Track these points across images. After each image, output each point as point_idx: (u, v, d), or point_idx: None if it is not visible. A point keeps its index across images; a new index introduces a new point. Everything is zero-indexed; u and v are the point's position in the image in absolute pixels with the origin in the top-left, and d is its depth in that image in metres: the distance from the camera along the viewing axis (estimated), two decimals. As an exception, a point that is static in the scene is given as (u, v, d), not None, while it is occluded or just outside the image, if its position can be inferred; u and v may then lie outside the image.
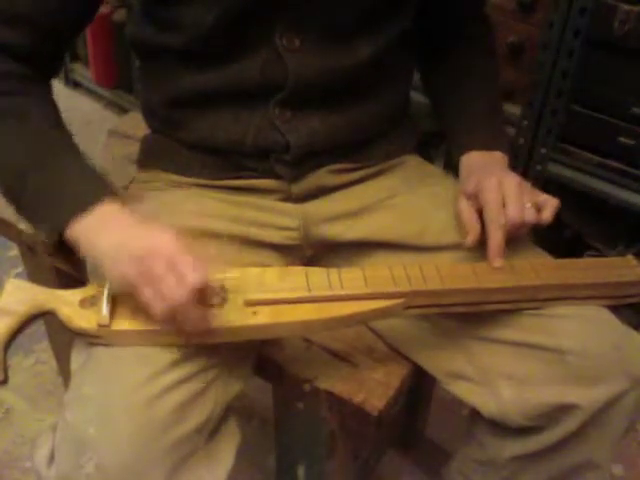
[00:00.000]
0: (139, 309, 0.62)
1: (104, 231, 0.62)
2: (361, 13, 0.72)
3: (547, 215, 0.71)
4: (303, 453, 0.90)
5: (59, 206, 0.64)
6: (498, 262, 0.70)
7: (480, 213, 0.73)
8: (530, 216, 0.70)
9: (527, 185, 0.74)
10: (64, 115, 0.72)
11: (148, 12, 0.74)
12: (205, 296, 0.61)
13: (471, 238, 0.72)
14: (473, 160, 0.80)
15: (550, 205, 0.71)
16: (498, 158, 0.79)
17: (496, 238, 0.70)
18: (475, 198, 0.74)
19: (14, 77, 0.69)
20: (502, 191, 0.71)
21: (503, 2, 1.25)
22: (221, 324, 0.62)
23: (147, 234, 0.60)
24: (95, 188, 0.65)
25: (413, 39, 0.85)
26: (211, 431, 0.66)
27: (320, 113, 0.76)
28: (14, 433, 1.27)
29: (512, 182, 0.72)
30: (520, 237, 0.78)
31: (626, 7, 1.10)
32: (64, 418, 0.61)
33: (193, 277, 0.57)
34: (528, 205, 0.71)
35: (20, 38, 0.68)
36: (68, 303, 0.64)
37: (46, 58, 0.72)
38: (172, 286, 0.57)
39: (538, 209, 0.71)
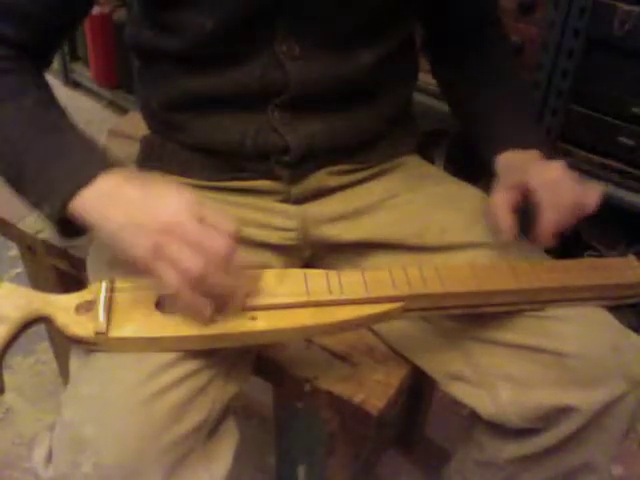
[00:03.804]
0: (137, 314, 0.61)
1: (111, 205, 0.59)
2: (362, 20, 0.72)
3: (593, 199, 0.69)
4: (303, 453, 0.90)
5: (60, 181, 0.62)
6: (546, 243, 0.69)
7: (517, 206, 0.72)
8: (580, 200, 0.68)
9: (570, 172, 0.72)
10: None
11: (147, 15, 0.74)
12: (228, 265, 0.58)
13: (508, 237, 0.70)
14: (511, 157, 0.78)
15: (594, 191, 0.69)
16: (536, 155, 0.77)
17: (546, 220, 0.68)
18: (518, 188, 0.72)
19: (6, 58, 0.68)
20: (550, 175, 0.70)
21: (503, 2, 1.25)
22: (219, 330, 0.61)
23: (158, 206, 0.58)
24: (97, 160, 0.63)
25: (415, 43, 0.85)
26: (210, 431, 0.66)
27: (320, 116, 0.76)
28: (14, 433, 1.27)
29: (559, 167, 0.70)
30: (519, 237, 0.78)
31: (626, 7, 1.10)
32: (62, 417, 0.61)
33: (211, 245, 0.56)
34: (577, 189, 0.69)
35: (12, 29, 0.67)
36: (64, 309, 0.62)
37: (38, 50, 0.71)
38: (188, 257, 0.56)
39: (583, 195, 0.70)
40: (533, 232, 0.70)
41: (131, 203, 0.59)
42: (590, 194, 0.69)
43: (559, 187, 0.69)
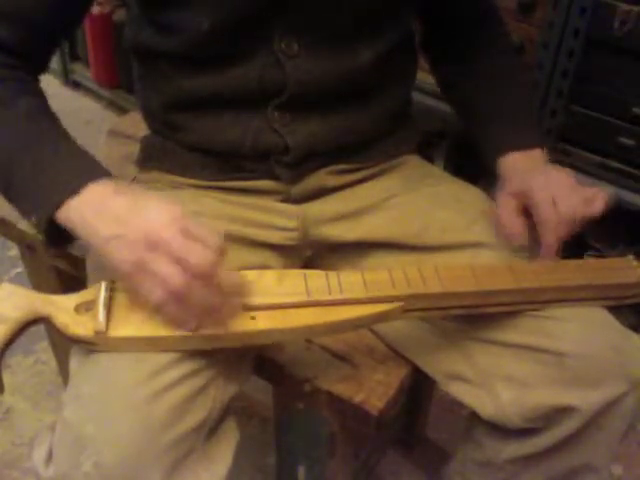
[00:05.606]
0: (137, 314, 0.61)
1: (96, 217, 0.59)
2: (361, 17, 0.72)
3: (597, 207, 0.70)
4: (303, 453, 0.90)
5: (49, 189, 0.62)
6: (551, 259, 0.70)
7: (526, 210, 0.73)
8: (581, 212, 0.69)
9: (574, 179, 0.73)
10: (64, 115, 0.71)
11: (146, 15, 0.74)
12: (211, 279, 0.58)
13: (518, 241, 0.72)
14: (515, 160, 0.79)
15: (600, 197, 0.70)
16: (539, 156, 0.79)
17: (549, 239, 0.70)
18: (521, 197, 0.73)
19: (0, 66, 0.68)
20: (551, 189, 0.71)
21: (503, 2, 1.25)
22: (219, 330, 0.61)
23: (144, 218, 0.58)
24: (86, 170, 0.63)
25: (414, 41, 0.85)
26: (210, 430, 0.66)
27: (320, 115, 0.76)
28: (14, 433, 1.27)
29: (560, 179, 0.72)
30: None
31: (626, 7, 1.10)
32: (63, 416, 0.61)
33: (195, 261, 0.56)
34: (578, 201, 0.70)
35: (7, 33, 0.67)
36: (63, 309, 0.62)
37: (35, 54, 0.71)
38: (171, 272, 0.55)
39: (588, 203, 0.70)
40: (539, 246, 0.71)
41: (116, 216, 0.59)
42: (595, 200, 0.70)
43: (560, 203, 0.69)
